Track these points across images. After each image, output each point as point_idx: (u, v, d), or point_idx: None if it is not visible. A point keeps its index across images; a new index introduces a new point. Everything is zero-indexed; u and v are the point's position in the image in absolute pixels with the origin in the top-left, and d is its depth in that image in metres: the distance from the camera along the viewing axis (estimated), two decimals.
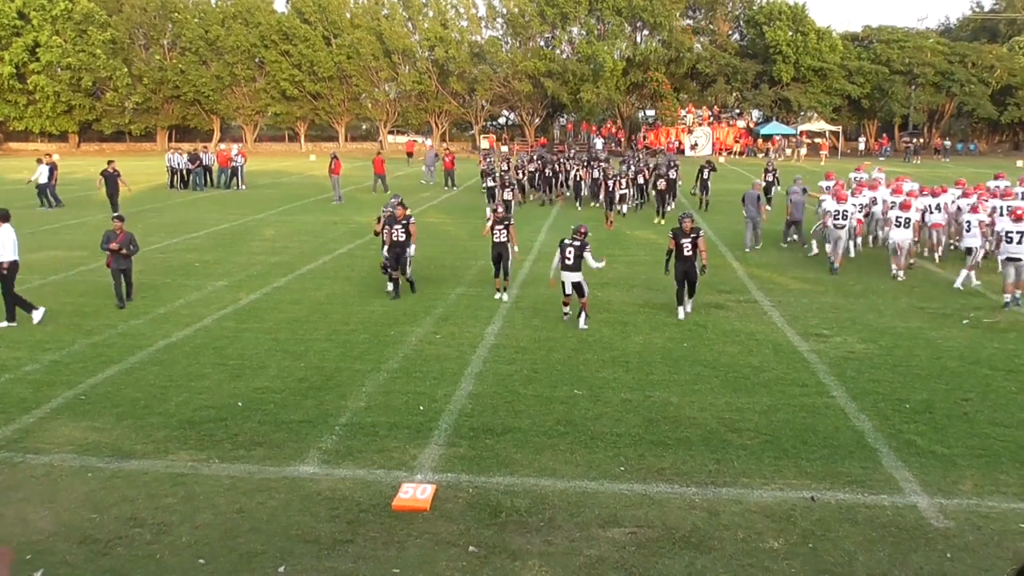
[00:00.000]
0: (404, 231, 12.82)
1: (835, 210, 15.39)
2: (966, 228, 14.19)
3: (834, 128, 56.59)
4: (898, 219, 14.64)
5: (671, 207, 24.07)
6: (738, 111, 60.48)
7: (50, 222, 21.91)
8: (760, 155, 52.27)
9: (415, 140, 57.38)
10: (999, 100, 56.20)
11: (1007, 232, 12.48)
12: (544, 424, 7.87)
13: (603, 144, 52.50)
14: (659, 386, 8.94)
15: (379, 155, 31.86)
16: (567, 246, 11.07)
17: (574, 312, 11.50)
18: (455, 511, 6.22)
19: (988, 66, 55.89)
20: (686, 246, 11.53)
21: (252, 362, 9.77)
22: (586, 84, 54.29)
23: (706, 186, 24.37)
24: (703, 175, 24.44)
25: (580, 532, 5.91)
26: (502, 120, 67.35)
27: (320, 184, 32.33)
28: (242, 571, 5.47)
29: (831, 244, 15.54)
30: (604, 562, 5.54)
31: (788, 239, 18.50)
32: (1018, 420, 7.97)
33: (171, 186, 31.35)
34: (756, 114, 61.51)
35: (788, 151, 54.39)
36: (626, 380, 9.14)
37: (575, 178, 26.21)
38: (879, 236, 17.82)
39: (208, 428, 7.78)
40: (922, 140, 58.37)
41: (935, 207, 16.50)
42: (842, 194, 15.93)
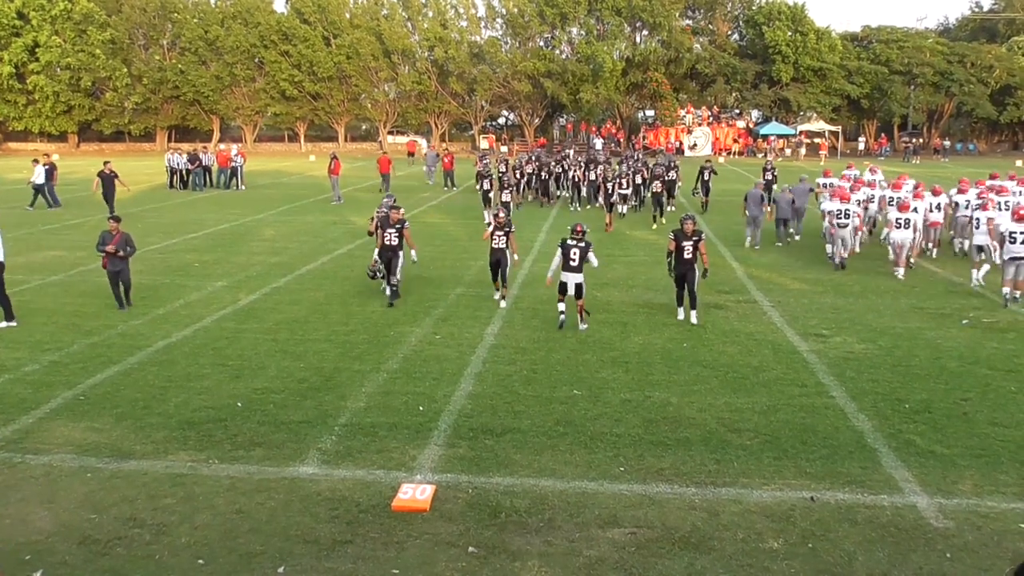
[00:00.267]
0: (397, 235, 12.57)
1: (838, 210, 15.55)
2: (975, 226, 14.44)
3: (833, 128, 56.62)
4: (898, 220, 14.79)
5: (671, 209, 24.04)
6: (737, 111, 60.51)
7: (50, 222, 21.90)
8: (759, 155, 52.30)
9: (415, 140, 57.50)
10: (998, 100, 56.23)
11: (1010, 232, 12.67)
12: (544, 425, 7.87)
13: (603, 144, 52.50)
14: (659, 386, 8.94)
15: (385, 154, 31.97)
16: (571, 247, 10.92)
17: (571, 314, 11.26)
18: (455, 512, 6.22)
19: (987, 66, 55.92)
20: (687, 248, 11.36)
21: (251, 363, 9.77)
22: (585, 84, 54.32)
23: (707, 187, 24.29)
24: (703, 176, 24.36)
25: (580, 532, 5.91)
26: (502, 120, 67.35)
27: (320, 184, 32.33)
28: (241, 571, 5.47)
29: (835, 243, 15.71)
30: (604, 562, 5.54)
31: (783, 239, 18.64)
32: (1017, 420, 7.97)
33: (170, 186, 31.35)
34: (755, 114, 61.54)
35: (788, 151, 54.45)
36: (625, 380, 9.14)
37: (573, 179, 26.10)
38: (872, 232, 18.20)
39: (207, 428, 7.77)
40: (921, 140, 58.38)
41: (935, 206, 16.78)
42: (845, 194, 16.14)
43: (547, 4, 56.04)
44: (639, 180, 24.56)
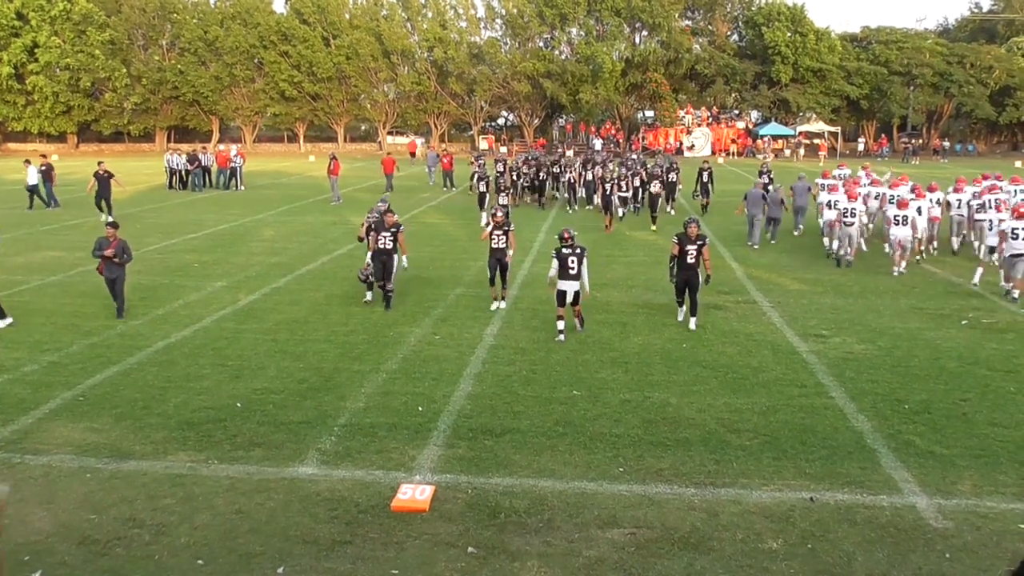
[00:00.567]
0: (392, 239, 12.24)
1: (844, 208, 15.85)
2: (988, 227, 14.80)
3: (833, 129, 56.66)
4: (896, 217, 15.02)
5: (671, 212, 23.95)
6: (737, 112, 60.54)
7: (49, 223, 21.89)
8: (759, 156, 52.34)
9: (416, 141, 57.64)
10: (997, 101, 56.28)
11: (1012, 229, 12.84)
12: (543, 425, 7.87)
13: (602, 145, 52.50)
14: (658, 387, 8.94)
15: (389, 155, 32.00)
16: (568, 255, 10.48)
17: (570, 322, 10.89)
18: (454, 512, 6.22)
19: (986, 67, 55.98)
20: (690, 253, 11.02)
21: (251, 363, 9.77)
22: (585, 85, 54.35)
23: (707, 189, 23.99)
24: (703, 178, 24.20)
25: (579, 533, 5.91)
26: (501, 121, 67.37)
27: (319, 185, 32.32)
28: (241, 572, 5.47)
29: (841, 242, 15.98)
30: (603, 563, 5.54)
31: (775, 236, 18.95)
32: (1017, 420, 7.98)
33: (170, 187, 31.34)
34: (755, 115, 61.58)
35: (787, 152, 54.49)
36: (625, 381, 9.14)
37: (569, 181, 25.87)
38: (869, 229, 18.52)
39: (207, 429, 7.77)
40: (921, 141, 58.43)
41: (935, 201, 17.24)
42: (853, 192, 16.47)
43: (546, 5, 56.09)
44: (638, 182, 24.36)
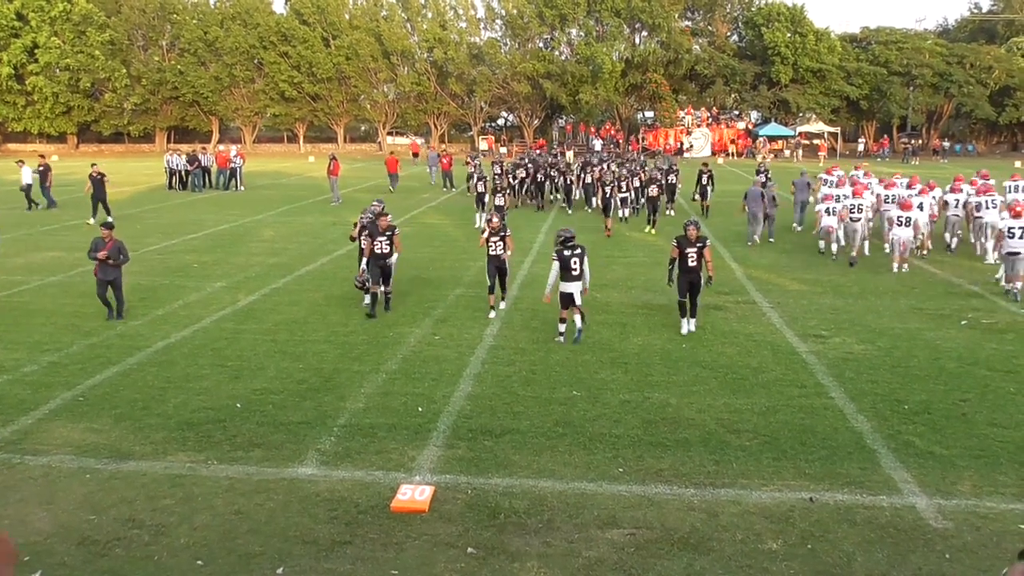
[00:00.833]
0: (388, 242, 11.95)
1: (851, 204, 16.20)
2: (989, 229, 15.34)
3: (832, 129, 56.65)
4: (899, 218, 15.25)
5: (671, 213, 23.88)
6: (737, 112, 60.53)
7: (48, 223, 21.90)
8: (757, 157, 52.34)
9: (417, 141, 57.71)
10: (997, 101, 56.28)
11: (1008, 228, 13.06)
12: (543, 425, 7.87)
13: (602, 145, 52.50)
14: (658, 387, 8.94)
15: (392, 155, 32.01)
16: (570, 256, 10.22)
17: (571, 323, 10.67)
18: (454, 512, 6.22)
19: (986, 67, 55.98)
20: (691, 256, 10.64)
21: (251, 363, 9.77)
22: (585, 85, 54.35)
23: (705, 191, 23.72)
24: (702, 180, 24.04)
25: (579, 533, 5.91)
26: (501, 121, 67.38)
27: (319, 185, 32.32)
28: (240, 572, 5.47)
29: (847, 239, 16.29)
30: (603, 563, 5.53)
31: (772, 234, 19.14)
32: (1016, 421, 7.98)
33: (169, 187, 31.35)
34: (755, 115, 61.58)
35: (787, 152, 54.50)
36: (625, 381, 9.14)
37: (566, 182, 25.67)
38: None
39: (206, 429, 7.77)
40: (920, 141, 58.43)
41: (933, 199, 17.58)
42: (859, 189, 16.82)
43: (546, 5, 56.10)
44: (637, 183, 24.12)
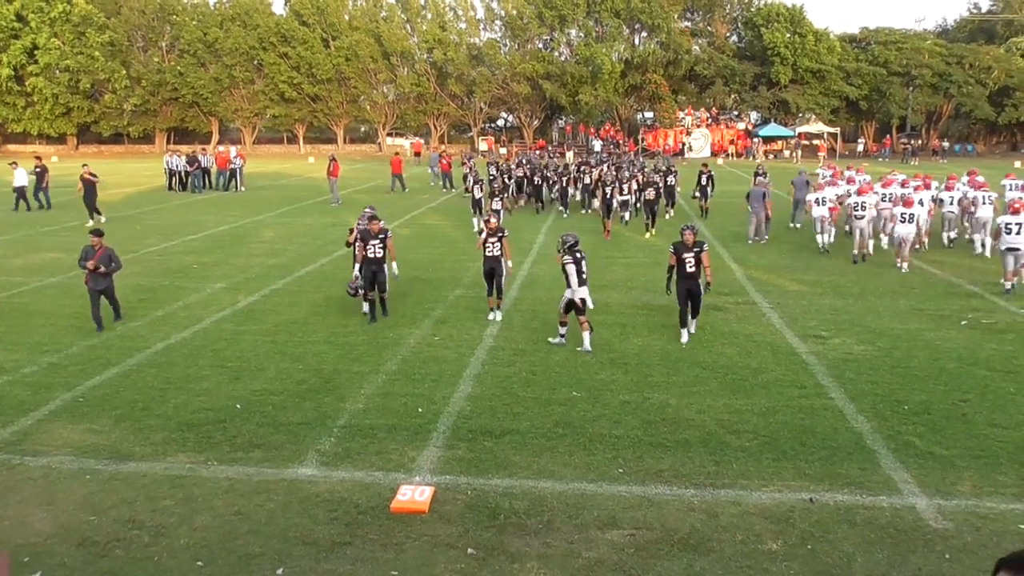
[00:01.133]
0: (381, 246, 11.72)
1: (854, 202, 16.51)
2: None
3: (832, 130, 56.66)
4: (903, 215, 15.45)
5: (670, 214, 23.83)
6: (736, 113, 60.54)
7: (48, 224, 21.90)
8: (756, 158, 52.36)
9: (420, 142, 57.80)
10: (997, 101, 56.28)
11: (1006, 224, 13.16)
12: (543, 426, 7.87)
13: (602, 146, 52.50)
14: (658, 388, 8.94)
15: (396, 155, 32.03)
16: (581, 259, 10.05)
17: (575, 331, 10.43)
18: (453, 513, 6.22)
19: (986, 67, 55.98)
20: (688, 262, 10.39)
21: (250, 364, 9.76)
22: (584, 86, 54.38)
23: (705, 192, 23.57)
24: (701, 181, 23.96)
25: (579, 534, 5.91)
26: (501, 122, 67.40)
27: (318, 186, 32.31)
28: (240, 573, 5.47)
29: (853, 236, 16.54)
30: (603, 564, 5.53)
31: (763, 236, 19.31)
32: (1016, 421, 7.97)
33: (169, 188, 31.35)
34: (754, 116, 61.59)
35: (786, 153, 54.51)
36: (624, 382, 9.13)
37: (562, 185, 25.52)
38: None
39: (206, 430, 7.77)
40: (920, 141, 58.44)
41: (932, 199, 17.87)
42: (863, 187, 17.10)
43: (546, 6, 56.13)
44: (635, 185, 23.93)
